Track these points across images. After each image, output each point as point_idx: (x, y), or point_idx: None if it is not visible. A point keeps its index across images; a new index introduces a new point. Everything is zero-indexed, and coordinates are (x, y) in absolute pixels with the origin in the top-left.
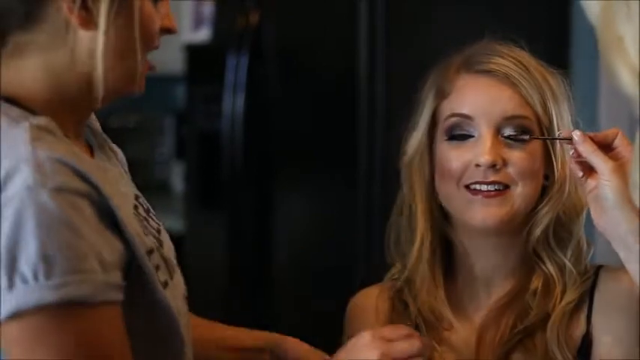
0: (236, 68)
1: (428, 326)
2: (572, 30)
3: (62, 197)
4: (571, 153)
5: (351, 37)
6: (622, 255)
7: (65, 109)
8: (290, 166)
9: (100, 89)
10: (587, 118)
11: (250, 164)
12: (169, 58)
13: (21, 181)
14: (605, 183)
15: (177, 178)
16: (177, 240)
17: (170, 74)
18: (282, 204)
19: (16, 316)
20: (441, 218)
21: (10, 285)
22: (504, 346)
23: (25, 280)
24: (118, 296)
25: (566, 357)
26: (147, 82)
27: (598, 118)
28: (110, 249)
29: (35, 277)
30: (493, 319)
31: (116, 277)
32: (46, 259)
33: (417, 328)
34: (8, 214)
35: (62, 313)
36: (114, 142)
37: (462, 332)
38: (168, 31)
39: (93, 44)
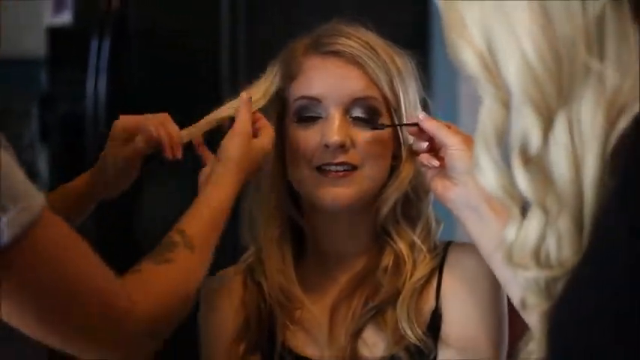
0: (99, 52)
1: (281, 306)
2: (432, 15)
3: None
4: (424, 147)
5: (214, 18)
6: (471, 225)
7: None
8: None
9: None
10: (448, 103)
11: None
12: (32, 41)
13: None
14: (455, 151)
15: (42, 163)
16: None
17: (33, 58)
18: (148, 188)
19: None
20: (291, 198)
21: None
22: (356, 324)
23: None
24: None
25: (416, 333)
26: (9, 66)
27: (458, 101)
28: None
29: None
30: (345, 297)
31: None
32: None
33: (270, 308)
34: None
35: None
36: None
37: (314, 311)
38: None
39: None
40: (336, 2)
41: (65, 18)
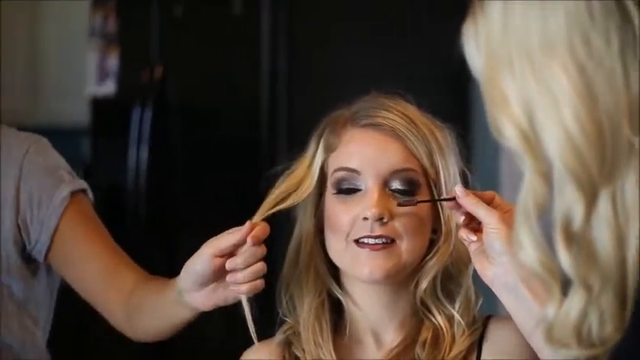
0: (140, 121)
1: None
2: (472, 89)
3: None
4: (461, 220)
5: (253, 91)
6: (510, 305)
7: None
8: (195, 219)
9: None
10: (488, 177)
11: (155, 217)
12: (75, 110)
13: None
14: (492, 231)
15: None
16: None
17: (76, 127)
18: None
19: None
20: (329, 270)
21: None
22: None
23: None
24: None
25: None
26: (53, 135)
27: (499, 176)
28: None
29: None
30: None
31: None
32: None
33: None
34: None
35: None
36: None
37: None
38: None
39: None
40: (375, 76)
41: (108, 88)
